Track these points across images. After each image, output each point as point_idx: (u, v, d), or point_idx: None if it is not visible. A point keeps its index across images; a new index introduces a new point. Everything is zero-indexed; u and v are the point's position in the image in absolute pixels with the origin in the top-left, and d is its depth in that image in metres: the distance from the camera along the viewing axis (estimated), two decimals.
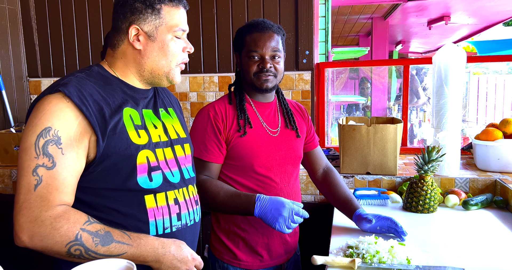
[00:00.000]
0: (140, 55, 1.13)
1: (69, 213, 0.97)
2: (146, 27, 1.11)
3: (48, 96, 1.02)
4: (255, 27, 1.50)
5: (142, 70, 1.15)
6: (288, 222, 1.32)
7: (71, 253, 0.95)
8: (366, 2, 5.81)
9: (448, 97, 2.04)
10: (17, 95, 2.97)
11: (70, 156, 1.00)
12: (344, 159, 2.17)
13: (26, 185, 0.96)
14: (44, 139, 0.98)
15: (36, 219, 0.94)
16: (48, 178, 0.97)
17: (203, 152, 1.48)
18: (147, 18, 1.10)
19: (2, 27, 2.85)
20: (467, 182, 2.03)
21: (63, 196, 0.99)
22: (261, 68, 1.48)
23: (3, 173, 2.46)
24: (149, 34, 1.11)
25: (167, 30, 1.12)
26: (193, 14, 2.75)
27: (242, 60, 1.52)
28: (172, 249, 1.07)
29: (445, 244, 1.45)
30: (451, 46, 2.07)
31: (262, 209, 1.33)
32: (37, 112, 1.01)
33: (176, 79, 1.18)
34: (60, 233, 0.94)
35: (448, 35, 9.22)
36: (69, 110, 1.01)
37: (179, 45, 1.15)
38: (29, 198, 0.95)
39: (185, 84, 2.82)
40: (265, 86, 1.50)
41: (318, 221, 2.15)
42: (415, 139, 6.02)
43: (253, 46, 1.48)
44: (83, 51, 2.97)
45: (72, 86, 1.03)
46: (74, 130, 1.01)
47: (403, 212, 1.81)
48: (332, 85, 4.84)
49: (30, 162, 0.97)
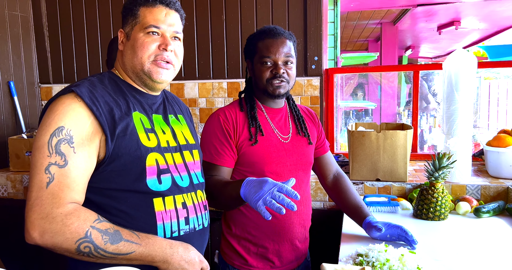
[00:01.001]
0: (122, 55, 1.19)
1: (79, 211, 0.99)
2: (126, 29, 1.18)
3: (61, 97, 1.06)
4: (267, 33, 1.51)
5: (127, 70, 1.19)
6: (264, 196, 1.16)
7: (80, 250, 0.96)
8: (375, 7, 5.81)
9: (459, 103, 2.03)
10: (29, 101, 3.01)
11: (81, 155, 1.02)
12: (354, 165, 2.15)
13: (39, 182, 0.98)
14: (57, 138, 1.00)
15: (48, 215, 0.95)
16: (60, 176, 0.99)
17: (214, 156, 1.48)
18: (127, 21, 1.17)
19: (15, 34, 2.90)
20: (478, 189, 2.01)
21: (74, 194, 1.00)
22: (274, 74, 1.48)
23: (14, 179, 2.49)
24: (127, 35, 1.17)
25: (139, 29, 1.15)
26: (203, 20, 2.77)
27: (255, 67, 1.52)
28: (180, 250, 1.08)
29: (456, 252, 1.43)
30: (461, 52, 2.05)
31: (247, 187, 1.23)
32: (51, 112, 1.04)
33: (155, 76, 1.15)
34: (70, 230, 0.95)
35: (458, 40, 9.17)
36: (82, 110, 1.04)
37: (152, 41, 1.14)
38: (41, 195, 0.97)
39: (194, 90, 2.84)
40: (278, 92, 1.50)
41: (328, 227, 2.14)
42: (425, 145, 5.98)
43: (265, 52, 1.48)
44: (94, 58, 3.01)
45: (84, 87, 1.07)
46: (86, 130, 1.03)
47: (413, 219, 1.79)
48: (341, 91, 4.83)
49: (43, 160, 0.99)
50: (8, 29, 2.85)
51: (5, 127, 2.83)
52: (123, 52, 1.18)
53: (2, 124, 2.81)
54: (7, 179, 2.50)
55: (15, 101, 2.85)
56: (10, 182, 2.50)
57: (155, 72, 1.15)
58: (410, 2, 5.57)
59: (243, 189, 1.24)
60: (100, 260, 0.99)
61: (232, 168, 1.52)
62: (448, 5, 5.72)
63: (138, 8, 1.15)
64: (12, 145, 2.54)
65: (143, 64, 1.14)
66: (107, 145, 1.05)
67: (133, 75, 1.18)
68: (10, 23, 2.86)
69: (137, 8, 1.15)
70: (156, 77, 1.15)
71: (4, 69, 2.82)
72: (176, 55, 1.19)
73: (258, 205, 1.16)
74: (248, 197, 1.21)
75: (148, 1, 1.15)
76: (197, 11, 2.78)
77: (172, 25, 1.17)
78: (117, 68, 1.22)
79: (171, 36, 1.17)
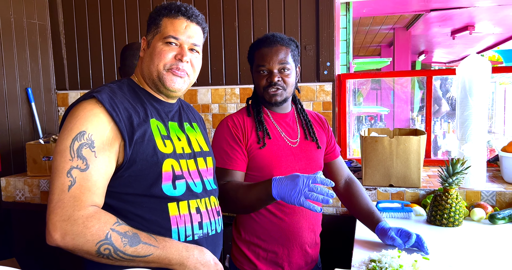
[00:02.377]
0: (141, 62, 1.23)
1: (100, 214, 1.01)
2: (148, 37, 1.22)
3: (83, 102, 1.09)
4: (263, 42, 1.55)
5: (144, 77, 1.22)
6: (303, 191, 1.19)
7: (100, 252, 0.98)
8: (388, 13, 5.79)
9: (473, 108, 2.01)
10: (46, 107, 3.07)
11: (102, 159, 1.05)
12: (367, 171, 2.15)
13: (60, 185, 1.00)
14: (79, 142, 1.03)
15: (69, 218, 0.98)
16: (81, 179, 1.01)
17: (226, 161, 1.49)
18: (150, 30, 1.22)
19: (33, 42, 2.97)
20: (493, 195, 1.98)
21: (94, 197, 1.03)
22: (269, 82, 1.51)
23: (31, 183, 2.54)
24: (148, 42, 1.21)
25: (159, 38, 1.19)
26: (215, 27, 2.81)
27: (253, 75, 1.58)
28: (195, 253, 1.10)
29: (471, 259, 1.41)
30: (475, 56, 2.04)
31: (279, 186, 1.25)
32: (72, 117, 1.07)
33: (168, 84, 1.18)
34: (91, 232, 0.98)
35: (472, 44, 9.08)
36: (103, 115, 1.07)
37: (169, 50, 1.18)
38: (63, 198, 0.99)
39: (207, 96, 2.86)
40: (274, 100, 1.52)
41: (340, 233, 2.13)
42: (439, 150, 5.91)
43: (260, 60, 1.52)
44: (109, 65, 3.06)
45: (105, 93, 1.10)
46: (107, 135, 1.06)
47: (427, 226, 1.77)
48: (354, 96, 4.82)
49: (65, 164, 1.01)
50: (27, 37, 2.92)
51: (22, 133, 2.89)
52: (143, 58, 1.22)
53: (20, 130, 2.87)
54: (24, 183, 2.55)
55: (32, 107, 2.91)
56: (27, 186, 2.54)
57: (169, 80, 1.18)
58: (423, 7, 5.55)
59: (275, 188, 1.25)
60: (118, 262, 1.01)
61: (244, 172, 1.53)
62: (462, 10, 5.68)
63: (161, 18, 1.19)
64: (29, 150, 2.59)
65: (158, 71, 1.17)
66: (126, 151, 1.08)
67: (149, 82, 1.21)
68: (28, 31, 2.93)
69: (160, 18, 1.19)
70: (169, 84, 1.18)
71: (22, 76, 2.89)
72: (192, 66, 1.21)
73: (303, 201, 1.19)
74: (284, 195, 1.23)
75: (171, 12, 1.19)
76: (210, 18, 2.81)
77: (191, 37, 1.20)
78: (136, 75, 1.25)
79: (189, 48, 1.20)
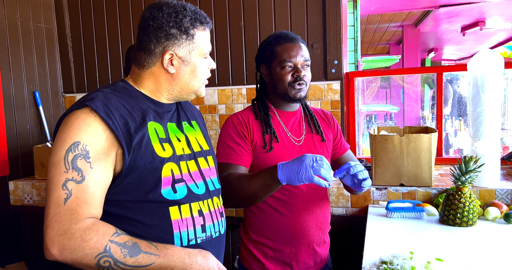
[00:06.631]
0: (172, 77, 1.16)
1: (97, 225, 0.98)
2: (181, 52, 1.14)
3: (75, 111, 1.05)
4: (285, 38, 1.53)
5: (172, 90, 1.18)
6: (311, 165, 1.20)
7: (100, 265, 0.96)
8: (396, 9, 5.73)
9: (485, 105, 1.96)
10: (53, 110, 3.08)
11: (98, 170, 1.01)
12: (377, 170, 2.11)
13: (56, 199, 0.98)
14: (73, 154, 0.99)
15: (66, 232, 0.96)
16: (78, 191, 0.99)
17: (231, 157, 1.48)
18: (181, 44, 1.13)
19: (40, 45, 2.98)
20: (508, 194, 1.93)
21: (91, 209, 1.00)
22: (295, 78, 1.50)
23: (39, 186, 2.54)
24: (183, 59, 1.14)
25: (199, 54, 1.16)
26: (221, 27, 2.79)
27: (273, 71, 1.53)
28: (198, 259, 1.08)
29: (486, 259, 1.37)
30: (487, 51, 1.99)
31: (285, 168, 1.24)
32: (66, 127, 1.03)
33: (203, 93, 1.24)
34: (89, 245, 0.95)
35: (483, 41, 8.94)
36: (97, 124, 1.03)
37: (206, 64, 1.20)
38: (59, 211, 0.97)
39: (213, 96, 2.84)
40: (299, 96, 1.52)
41: (350, 234, 2.10)
42: (450, 149, 5.83)
43: (286, 56, 1.50)
44: (115, 68, 3.06)
45: (98, 100, 1.06)
46: (102, 144, 1.03)
47: (440, 226, 1.73)
48: (363, 95, 4.77)
49: (60, 177, 0.99)
50: (33, 41, 2.93)
51: (30, 136, 2.90)
52: (175, 74, 1.16)
53: (28, 133, 2.88)
54: (32, 187, 2.56)
55: (40, 110, 2.93)
56: (35, 190, 2.55)
57: (203, 89, 1.24)
58: (432, 3, 5.48)
59: (280, 172, 1.25)
60: None
61: (248, 168, 1.51)
62: (472, 5, 5.59)
63: (194, 31, 1.15)
64: (37, 154, 2.60)
65: (199, 85, 1.21)
66: (124, 159, 1.05)
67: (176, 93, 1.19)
68: (35, 35, 2.94)
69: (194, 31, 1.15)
70: (203, 94, 1.24)
71: (30, 79, 2.90)
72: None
73: (311, 176, 1.19)
74: (290, 176, 1.23)
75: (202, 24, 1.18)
76: (216, 18, 2.80)
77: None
78: (134, 78, 1.20)
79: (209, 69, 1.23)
